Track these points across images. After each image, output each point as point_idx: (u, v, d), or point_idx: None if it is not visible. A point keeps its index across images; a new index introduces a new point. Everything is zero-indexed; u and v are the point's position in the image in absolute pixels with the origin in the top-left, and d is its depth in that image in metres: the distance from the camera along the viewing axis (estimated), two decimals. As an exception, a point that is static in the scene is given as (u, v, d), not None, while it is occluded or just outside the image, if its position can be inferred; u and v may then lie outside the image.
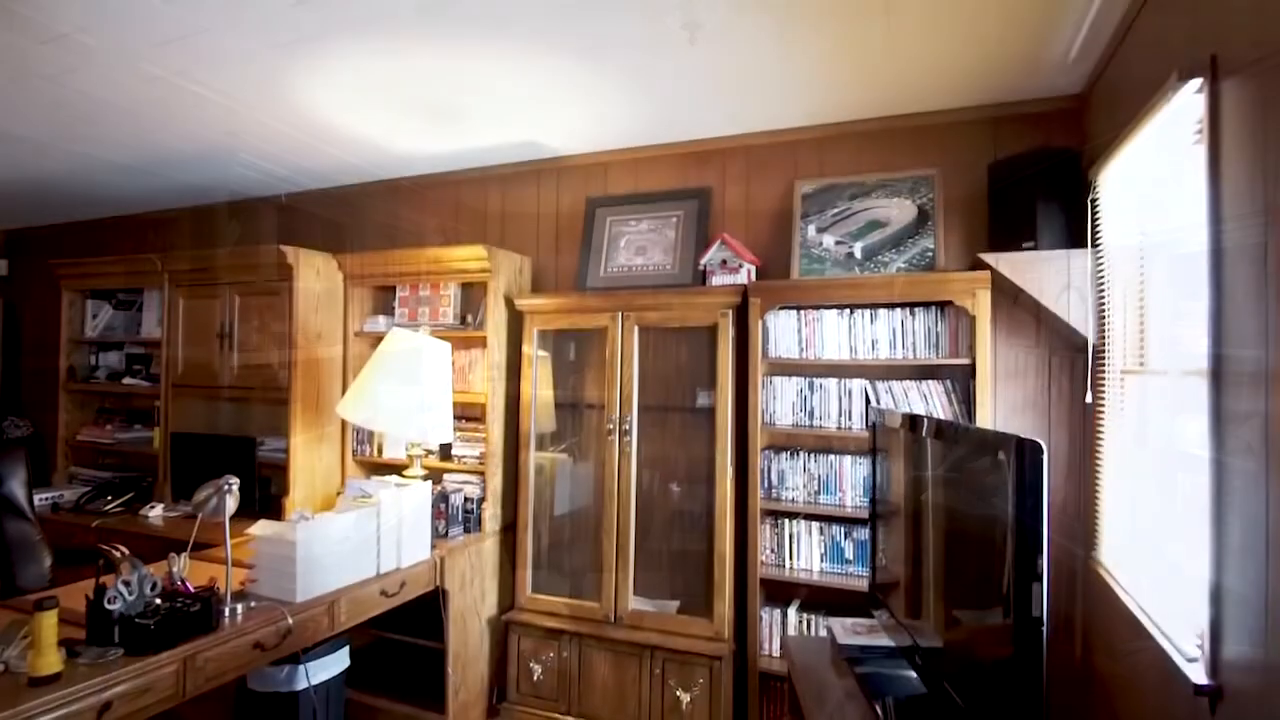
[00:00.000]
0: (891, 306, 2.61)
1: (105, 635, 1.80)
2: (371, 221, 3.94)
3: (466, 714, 2.95)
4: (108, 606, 1.81)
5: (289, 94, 2.69)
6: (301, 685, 2.73)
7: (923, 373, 2.62)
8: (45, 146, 3.37)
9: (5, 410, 4.96)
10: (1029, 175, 2.40)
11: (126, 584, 1.86)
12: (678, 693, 2.71)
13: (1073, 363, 2.58)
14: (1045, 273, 2.32)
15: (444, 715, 2.84)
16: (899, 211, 2.78)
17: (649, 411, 2.97)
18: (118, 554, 1.96)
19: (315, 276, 3.33)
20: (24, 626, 1.73)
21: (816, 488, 2.71)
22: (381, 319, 3.46)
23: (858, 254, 2.79)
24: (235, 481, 2.13)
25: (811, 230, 2.89)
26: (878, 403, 2.63)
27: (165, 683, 1.83)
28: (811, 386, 2.72)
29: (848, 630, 2.13)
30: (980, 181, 2.63)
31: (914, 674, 1.83)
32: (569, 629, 2.90)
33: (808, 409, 2.72)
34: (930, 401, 2.56)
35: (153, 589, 1.92)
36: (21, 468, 2.89)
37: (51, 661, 1.63)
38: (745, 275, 2.85)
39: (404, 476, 2.88)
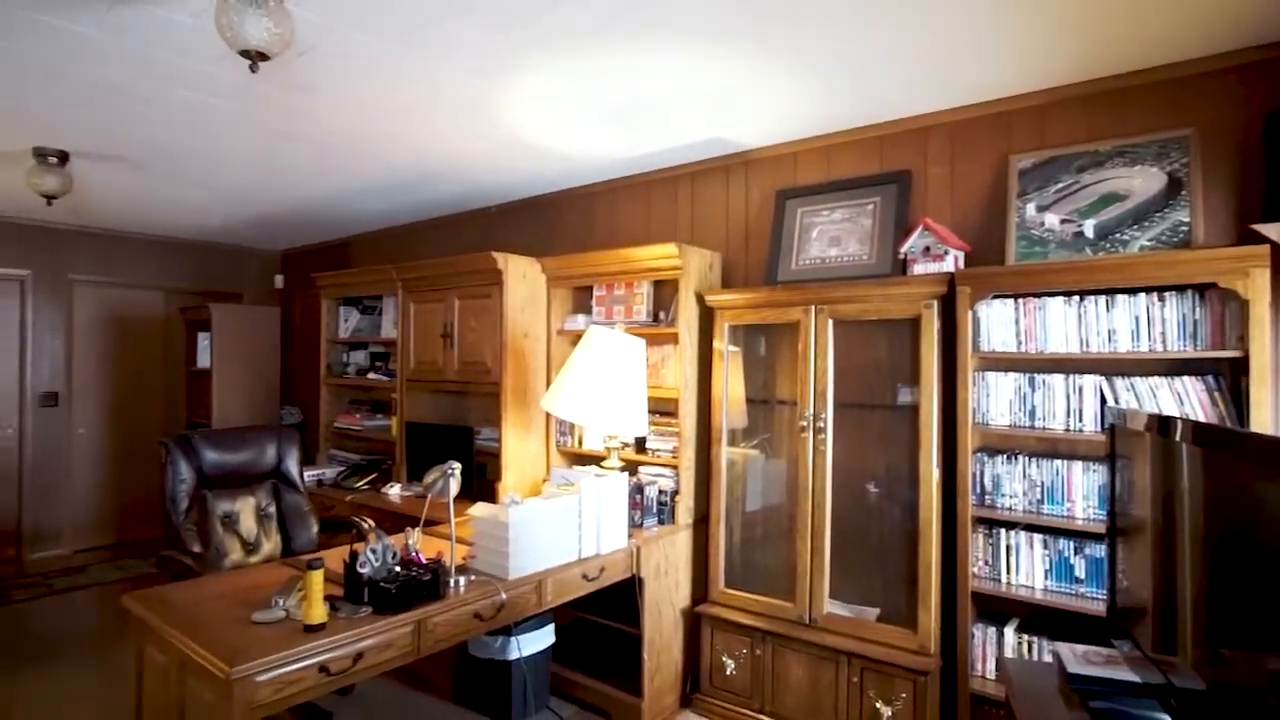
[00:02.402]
0: (1133, 291, 2.27)
1: (358, 594, 2.08)
2: (570, 226, 4.18)
3: (661, 700, 3.03)
4: (359, 570, 2.10)
5: (493, 116, 2.93)
6: (513, 655, 2.97)
7: (1175, 368, 2.25)
8: (308, 179, 3.97)
9: (282, 400, 5.93)
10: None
11: (374, 552, 2.13)
12: (877, 704, 2.57)
13: (1392, 354, 2.08)
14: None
15: (639, 698, 2.95)
16: (1142, 181, 2.41)
17: (845, 408, 2.85)
18: (366, 525, 2.26)
19: (521, 279, 3.60)
20: (299, 582, 2.05)
21: (1039, 496, 2.44)
22: (580, 317, 3.66)
23: (1089, 233, 2.47)
24: (458, 466, 2.37)
25: (1030, 209, 2.60)
26: (1116, 402, 2.30)
27: (403, 640, 2.08)
28: (1032, 383, 2.45)
29: (1079, 658, 1.89)
30: (1251, 139, 2.20)
31: (1166, 718, 1.58)
32: (762, 627, 2.87)
33: (1028, 408, 2.45)
34: (1186, 401, 2.20)
35: (393, 558, 2.19)
36: (295, 449, 3.44)
37: (320, 613, 1.92)
38: (951, 263, 2.64)
39: (602, 467, 3.02)
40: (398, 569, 2.17)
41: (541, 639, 3.10)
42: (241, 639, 1.85)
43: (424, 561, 2.24)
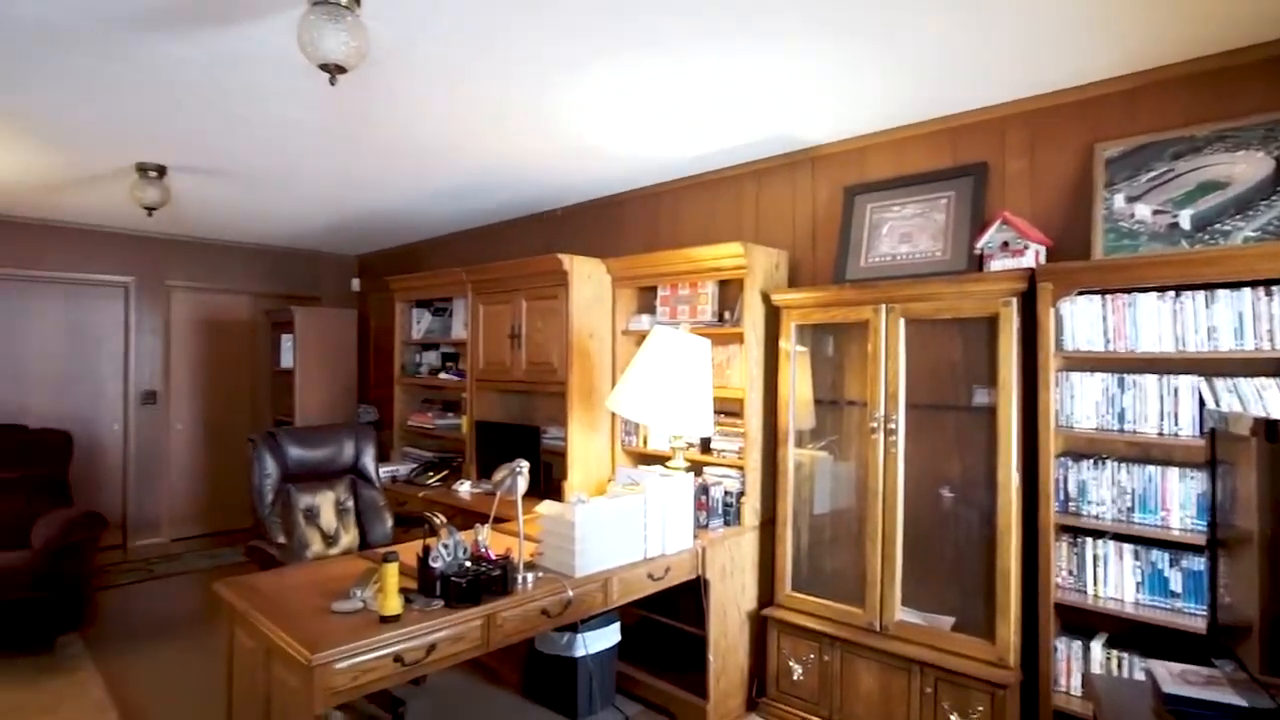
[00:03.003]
0: (1236, 286, 2.12)
1: (430, 588, 2.14)
2: (635, 226, 4.20)
3: (726, 702, 3.01)
4: (432, 564, 2.16)
5: (558, 120, 2.96)
6: (580, 652, 3.00)
7: (1285, 367, 2.09)
8: (382, 186, 4.11)
9: (359, 399, 6.17)
10: None
11: (445, 547, 2.19)
12: (952, 717, 2.48)
13: None
14: None
15: (705, 700, 2.93)
16: (1246, 167, 2.25)
17: (917, 410, 2.76)
18: (438, 521, 2.32)
19: (587, 280, 3.64)
20: (375, 574, 2.12)
21: (1130, 503, 2.30)
22: (645, 317, 3.67)
23: (1185, 224, 2.32)
24: (525, 465, 2.41)
25: (1119, 200, 2.46)
26: (1216, 404, 2.15)
27: (474, 634, 2.12)
28: (1121, 384, 2.32)
29: (1175, 677, 1.77)
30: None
31: (1276, 743, 1.46)
32: (830, 632, 2.82)
33: (1116, 410, 2.32)
34: (1297, 403, 2.03)
35: (464, 553, 2.24)
36: (372, 446, 3.57)
37: (394, 605, 1.98)
38: (1032, 258, 2.52)
39: (667, 467, 3.02)
40: (468, 564, 2.22)
41: (607, 637, 3.12)
42: (322, 627, 1.94)
43: (493, 557, 2.29)
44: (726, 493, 3.15)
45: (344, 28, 1.91)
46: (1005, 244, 2.58)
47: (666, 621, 3.26)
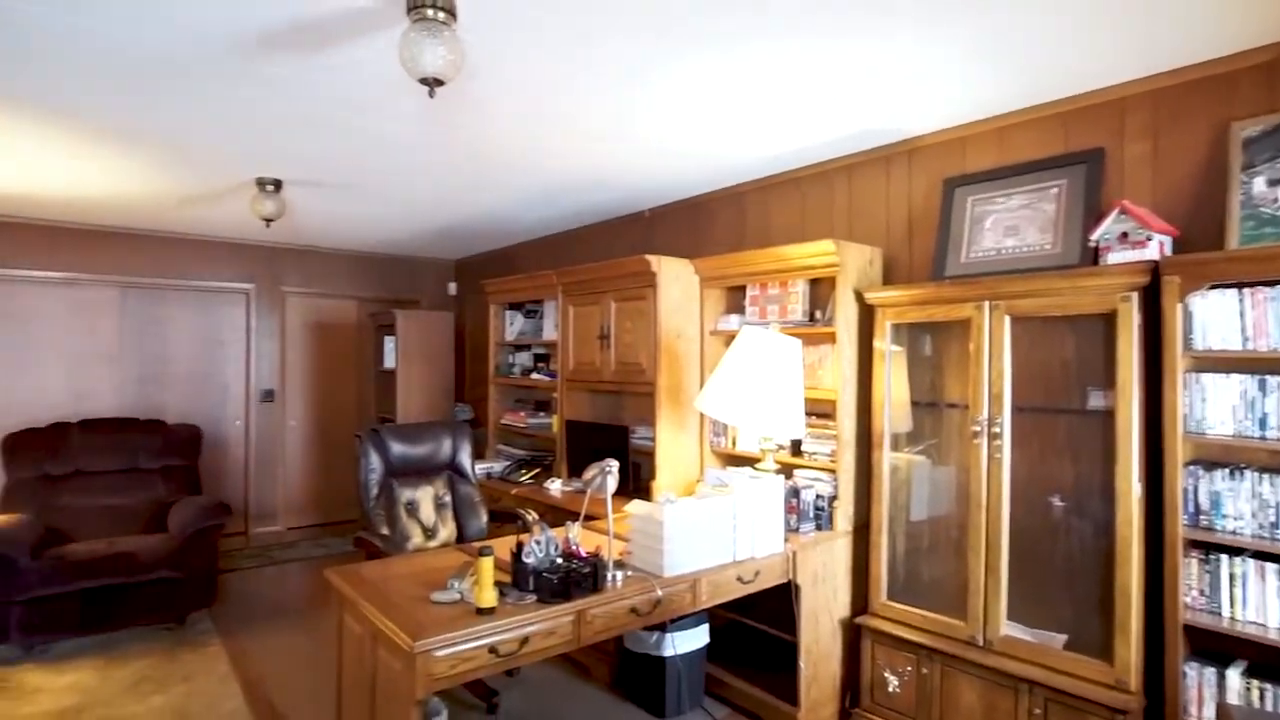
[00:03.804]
0: (1404, 276, 1.89)
1: (523, 582, 2.20)
2: (722, 226, 4.16)
3: (818, 711, 2.94)
4: (525, 559, 2.21)
5: (643, 121, 2.97)
6: (668, 651, 3.01)
7: None
8: (476, 192, 4.26)
9: (456, 398, 6.41)
10: None
11: (538, 543, 2.25)
12: (1065, 740, 2.33)
13: None
14: None
15: (795, 707, 2.88)
16: None
17: (1024, 413, 2.61)
18: (531, 517, 2.38)
19: (675, 281, 3.64)
20: (471, 567, 2.20)
21: (1273, 518, 2.09)
22: (733, 317, 3.64)
23: (1340, 209, 2.08)
24: (615, 464, 2.43)
25: (1260, 184, 2.23)
26: (1379, 409, 1.92)
27: (565, 629, 2.16)
28: (1263, 386, 2.10)
29: (1330, 711, 1.60)
30: None
31: None
32: (928, 644, 2.70)
33: (1257, 415, 2.11)
34: None
35: (555, 549, 2.29)
36: (468, 443, 3.71)
37: (490, 597, 2.05)
38: (1155, 249, 2.33)
39: (757, 469, 2.98)
40: (559, 560, 2.27)
41: (696, 638, 3.12)
42: (423, 616, 2.02)
43: (584, 555, 2.33)
44: (818, 496, 3.08)
45: (441, 42, 1.99)
46: (1124, 235, 2.40)
47: (755, 625, 3.22)
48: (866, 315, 3.08)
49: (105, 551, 3.96)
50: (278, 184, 4.00)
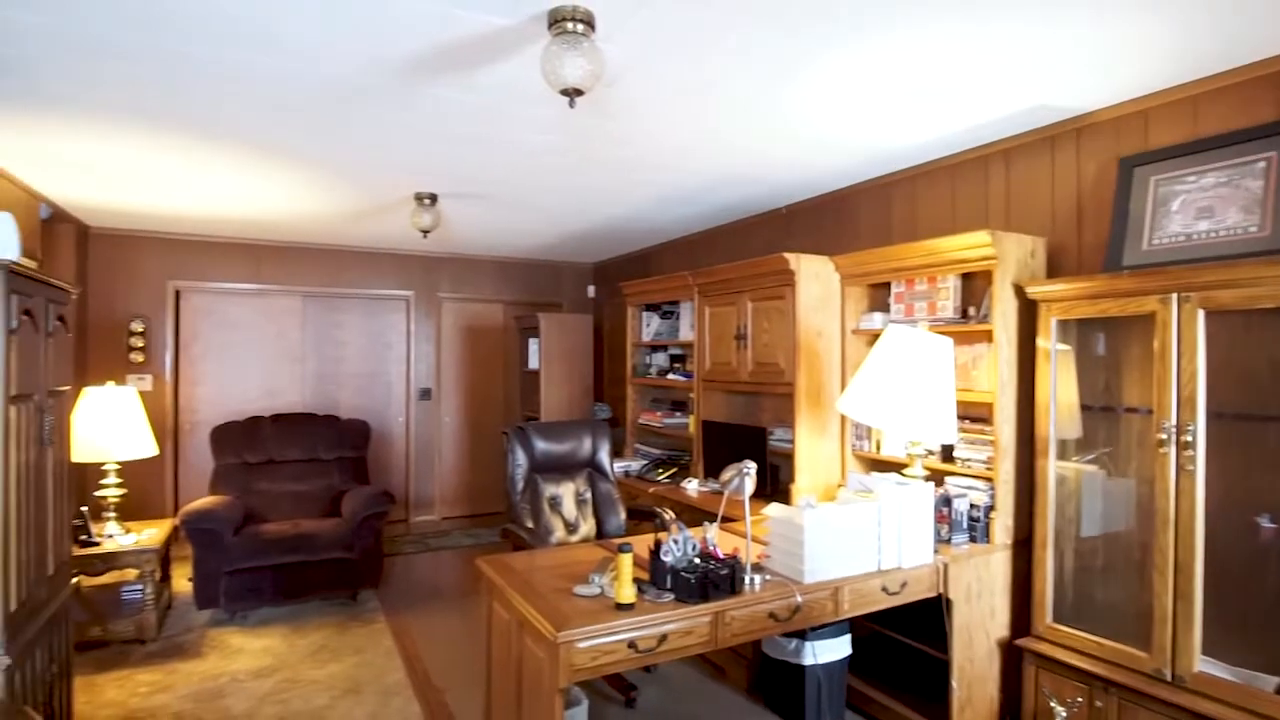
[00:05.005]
0: None
1: (661, 580, 2.22)
2: (864, 220, 3.99)
3: (973, 736, 2.74)
4: (663, 557, 2.23)
5: (782, 115, 2.90)
6: (808, 660, 2.93)
7: None
8: (614, 196, 4.36)
9: (595, 398, 6.61)
10: None
11: (676, 542, 2.26)
12: (1278, 797, 2.02)
13: None
14: None
15: (947, 730, 2.70)
16: None
17: (1222, 419, 2.29)
18: (669, 516, 2.40)
19: (813, 279, 3.54)
20: (611, 563, 2.25)
21: None
22: (877, 316, 3.48)
23: None
24: (753, 466, 2.40)
25: None
26: None
27: (702, 629, 2.16)
28: None
29: None
30: None
31: None
32: (1104, 675, 2.44)
33: None
34: None
35: (693, 549, 2.29)
36: (607, 442, 3.80)
37: (629, 594, 2.09)
38: (1401, 228, 1.97)
39: (903, 475, 2.83)
40: (697, 560, 2.27)
41: (838, 648, 3.01)
42: (566, 608, 2.10)
43: (721, 556, 2.31)
44: (972, 506, 2.88)
45: (581, 53, 2.05)
46: (1357, 213, 2.04)
47: (900, 638, 3.06)
48: (1027, 311, 2.83)
49: (291, 532, 4.45)
50: (433, 197, 4.30)
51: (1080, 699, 2.52)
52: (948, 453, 3.09)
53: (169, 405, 5.65)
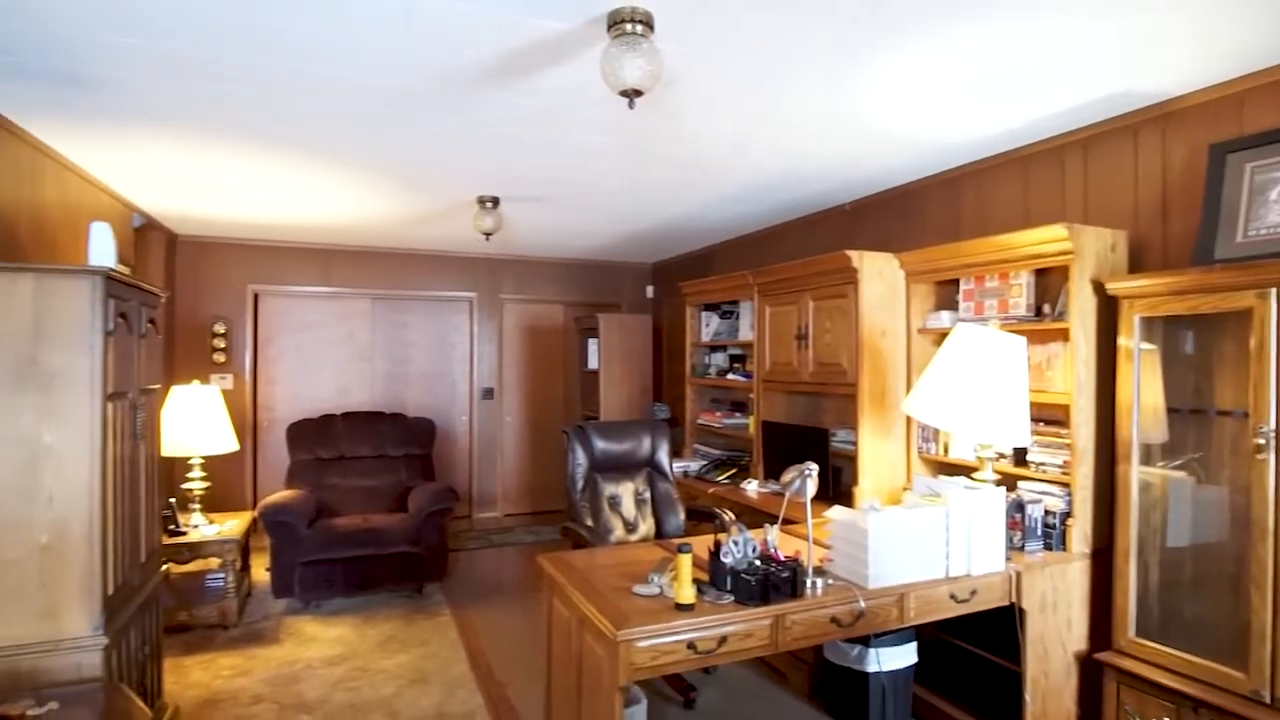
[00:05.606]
0: None
1: (721, 582, 2.20)
2: (931, 216, 3.88)
3: (1048, 753, 2.63)
4: (723, 559, 2.22)
5: (845, 109, 2.84)
6: (872, 667, 2.86)
7: None
8: (672, 196, 4.35)
9: (654, 398, 6.61)
10: None
11: (735, 543, 2.24)
12: (1393, 834, 1.86)
13: None
14: None
15: (1021, 746, 2.59)
16: None
17: (1328, 424, 2.13)
18: (729, 517, 2.38)
19: (877, 277, 3.45)
20: (670, 563, 2.25)
21: None
22: (944, 314, 3.37)
23: None
24: (815, 468, 2.36)
25: None
26: None
27: (762, 632, 2.14)
28: None
29: None
30: None
31: None
32: (1194, 694, 2.30)
33: None
34: None
35: (753, 551, 2.27)
36: (666, 442, 3.80)
37: (688, 594, 2.08)
38: None
39: (973, 479, 2.73)
40: (757, 562, 2.24)
41: (903, 656, 2.93)
42: (626, 606, 2.10)
43: (782, 559, 2.28)
44: (1047, 512, 2.76)
45: (640, 54, 2.05)
46: None
47: (969, 648, 2.95)
48: (1107, 308, 2.69)
49: (361, 525, 4.61)
50: (495, 200, 4.39)
51: (1167, 718, 2.38)
52: (1020, 456, 2.97)
53: (248, 403, 5.95)
